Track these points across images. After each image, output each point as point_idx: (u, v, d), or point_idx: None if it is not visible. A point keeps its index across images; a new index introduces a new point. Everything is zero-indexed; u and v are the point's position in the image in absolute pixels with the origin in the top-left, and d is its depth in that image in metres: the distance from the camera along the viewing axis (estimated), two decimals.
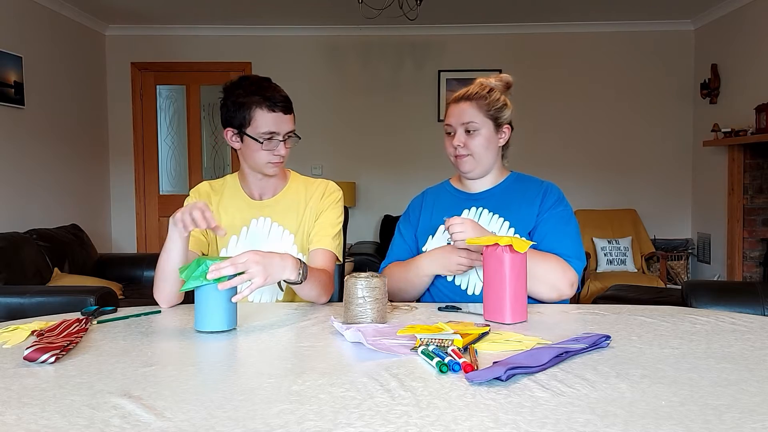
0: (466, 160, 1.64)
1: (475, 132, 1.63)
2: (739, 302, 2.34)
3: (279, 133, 1.59)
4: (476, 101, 1.63)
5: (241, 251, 1.63)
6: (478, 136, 1.63)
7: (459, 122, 1.63)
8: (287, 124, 1.60)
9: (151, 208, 5.57)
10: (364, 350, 1.10)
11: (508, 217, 1.64)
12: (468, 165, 1.65)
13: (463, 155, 1.64)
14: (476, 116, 1.63)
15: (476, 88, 1.66)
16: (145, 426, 0.76)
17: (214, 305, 1.26)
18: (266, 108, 1.57)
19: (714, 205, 4.95)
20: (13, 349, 1.12)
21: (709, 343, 1.12)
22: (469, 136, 1.63)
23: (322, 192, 1.72)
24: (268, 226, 1.69)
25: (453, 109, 1.66)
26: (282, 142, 1.60)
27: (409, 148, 5.46)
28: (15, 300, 2.79)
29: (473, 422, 0.76)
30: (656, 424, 0.75)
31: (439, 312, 1.45)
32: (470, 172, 1.66)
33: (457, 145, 1.63)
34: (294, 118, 1.64)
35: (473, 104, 1.63)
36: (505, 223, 1.64)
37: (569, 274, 1.55)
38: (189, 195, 1.77)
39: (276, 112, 1.58)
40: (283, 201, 1.71)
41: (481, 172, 1.67)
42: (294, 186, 1.74)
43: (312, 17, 5.10)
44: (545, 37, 5.37)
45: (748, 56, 4.48)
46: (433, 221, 1.72)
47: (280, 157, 1.62)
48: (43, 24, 4.47)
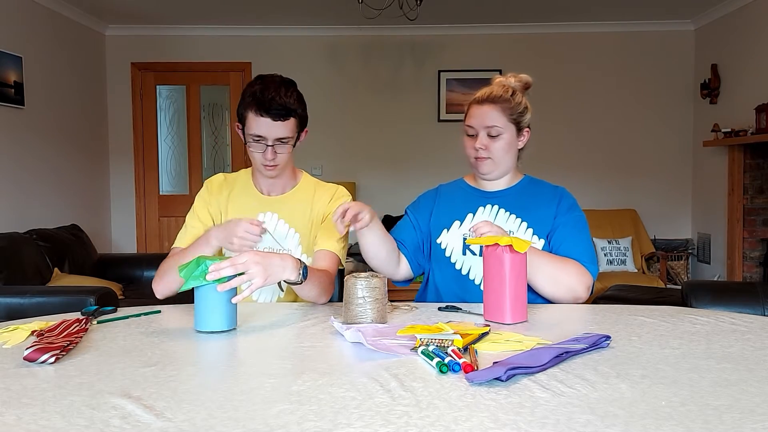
0: (486, 162, 1.65)
1: (498, 136, 1.63)
2: (739, 302, 2.34)
3: (266, 138, 1.59)
4: (500, 105, 1.63)
5: None
6: (501, 140, 1.64)
7: (482, 125, 1.63)
8: (276, 130, 1.58)
9: (151, 208, 5.57)
10: (364, 350, 1.10)
11: (526, 218, 1.66)
12: (488, 167, 1.66)
13: (484, 158, 1.65)
14: (499, 120, 1.63)
15: (500, 90, 1.65)
16: (145, 426, 0.76)
17: (214, 305, 1.26)
18: (255, 111, 1.57)
19: (714, 206, 4.95)
20: (13, 349, 1.12)
21: (709, 344, 1.12)
22: (492, 139, 1.64)
23: (331, 195, 1.72)
24: (275, 221, 1.70)
25: (476, 111, 1.65)
26: (270, 147, 1.60)
27: (409, 148, 5.46)
28: (15, 300, 2.79)
29: (473, 422, 0.76)
30: (656, 425, 0.75)
31: (439, 312, 1.45)
32: (489, 174, 1.68)
33: (479, 148, 1.64)
34: (295, 125, 1.62)
35: (497, 108, 1.63)
36: (523, 223, 1.66)
37: (586, 278, 1.57)
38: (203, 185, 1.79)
39: (264, 117, 1.57)
40: (292, 199, 1.72)
41: (499, 174, 1.69)
42: (304, 186, 1.75)
43: (312, 17, 5.10)
44: (545, 37, 5.37)
45: (748, 56, 4.48)
46: (448, 215, 1.72)
47: (270, 161, 1.62)
48: (43, 24, 4.47)
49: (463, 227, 1.69)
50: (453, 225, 1.71)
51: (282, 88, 1.59)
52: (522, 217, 1.66)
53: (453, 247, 1.69)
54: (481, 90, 1.68)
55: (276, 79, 1.61)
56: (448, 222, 1.71)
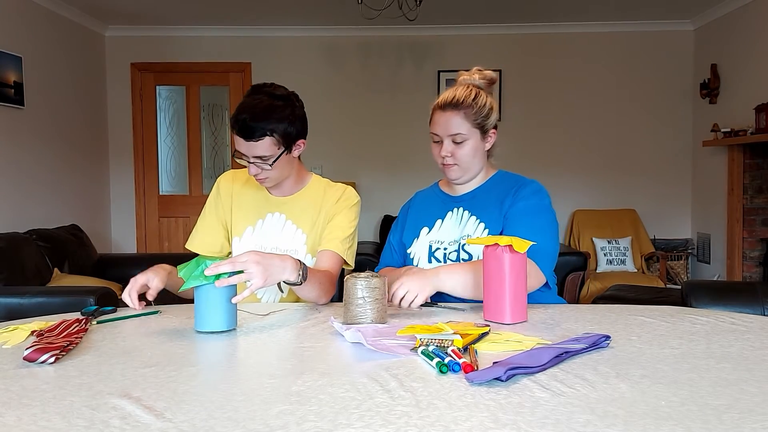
0: (454, 168, 1.65)
1: (463, 142, 1.61)
2: (738, 302, 2.34)
3: (246, 156, 1.59)
4: (463, 110, 1.60)
5: (254, 243, 1.67)
6: (466, 146, 1.62)
7: (446, 133, 1.61)
8: (253, 149, 1.57)
9: (151, 208, 5.57)
10: (364, 351, 1.10)
11: (483, 218, 1.64)
12: (456, 173, 1.65)
13: (451, 164, 1.64)
14: (463, 127, 1.60)
15: (462, 94, 1.61)
16: (145, 427, 0.76)
17: (214, 305, 1.26)
18: (233, 128, 1.57)
19: (714, 205, 4.95)
20: (13, 350, 1.12)
21: (709, 343, 1.12)
22: (457, 145, 1.62)
23: (339, 196, 1.72)
24: (282, 222, 1.71)
25: (440, 118, 1.62)
26: (251, 164, 1.59)
27: (408, 148, 5.46)
28: (15, 300, 2.79)
29: (473, 422, 0.76)
30: (656, 425, 0.75)
31: (439, 312, 1.45)
32: (458, 179, 1.67)
33: (444, 155, 1.63)
34: (269, 145, 1.56)
35: (460, 114, 1.60)
36: (480, 224, 1.63)
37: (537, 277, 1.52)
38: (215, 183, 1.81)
39: (237, 137, 1.57)
40: (300, 200, 1.72)
41: (468, 177, 1.68)
42: (313, 187, 1.75)
43: (312, 17, 5.10)
44: (545, 37, 5.37)
45: (747, 56, 4.48)
46: (418, 223, 1.73)
47: (256, 176, 1.62)
48: (43, 24, 4.47)
49: (431, 234, 1.69)
50: (422, 232, 1.71)
51: (259, 109, 1.54)
52: (480, 218, 1.64)
53: (420, 256, 1.69)
54: (444, 93, 1.64)
55: (262, 97, 1.57)
56: (417, 230, 1.72)
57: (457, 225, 1.67)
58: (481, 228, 1.63)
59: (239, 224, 1.72)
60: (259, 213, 1.71)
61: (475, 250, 1.61)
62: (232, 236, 1.73)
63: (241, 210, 1.73)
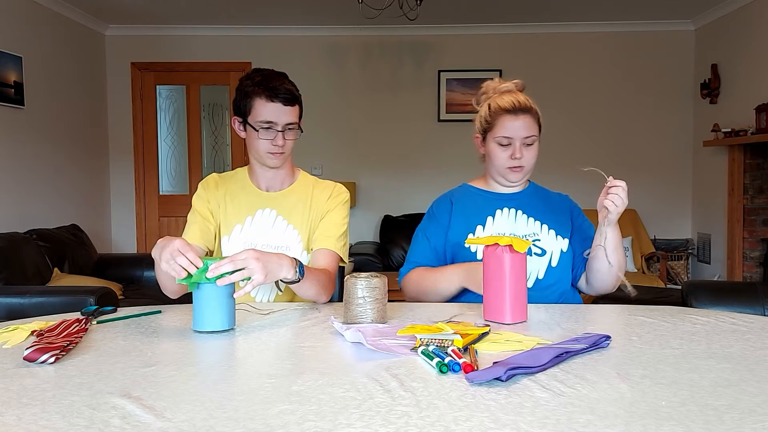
0: (522, 170, 1.68)
1: (533, 144, 1.67)
2: (739, 302, 2.34)
3: (277, 123, 1.61)
4: (532, 114, 1.67)
5: (244, 240, 1.66)
6: (534, 148, 1.68)
7: (521, 136, 1.65)
8: (287, 115, 1.61)
9: (151, 208, 5.57)
10: (364, 350, 1.10)
11: (545, 220, 1.71)
12: (521, 175, 1.69)
13: (521, 166, 1.67)
14: (534, 129, 1.67)
15: (524, 98, 1.68)
16: (145, 426, 0.76)
17: (212, 305, 1.26)
18: (265, 97, 1.59)
19: (714, 206, 4.95)
20: (13, 349, 1.12)
21: (709, 344, 1.12)
22: (526, 148, 1.66)
23: (329, 193, 1.73)
24: (273, 218, 1.70)
25: (513, 122, 1.65)
26: (280, 133, 1.62)
27: (409, 149, 5.46)
28: (15, 300, 2.79)
29: (473, 422, 0.76)
30: (656, 425, 0.75)
31: (437, 312, 1.45)
32: (519, 181, 1.72)
33: (519, 157, 1.65)
34: (299, 112, 1.66)
35: (532, 117, 1.67)
36: (544, 226, 1.70)
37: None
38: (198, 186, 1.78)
39: (274, 102, 1.59)
40: (291, 196, 1.73)
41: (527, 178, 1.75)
42: (303, 183, 1.76)
43: (312, 17, 5.10)
44: (545, 37, 5.37)
45: (748, 56, 4.48)
46: (470, 221, 1.71)
47: (279, 148, 1.63)
48: (43, 24, 4.47)
49: (486, 230, 1.69)
50: (477, 229, 1.71)
51: (280, 76, 1.65)
52: (541, 220, 1.71)
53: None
54: (503, 99, 1.67)
55: (271, 70, 1.66)
56: (472, 226, 1.71)
57: (513, 222, 1.70)
58: (546, 229, 1.70)
59: (229, 222, 1.71)
60: (249, 210, 1.70)
61: (548, 246, 1.68)
62: (221, 235, 1.71)
63: (232, 208, 1.71)
